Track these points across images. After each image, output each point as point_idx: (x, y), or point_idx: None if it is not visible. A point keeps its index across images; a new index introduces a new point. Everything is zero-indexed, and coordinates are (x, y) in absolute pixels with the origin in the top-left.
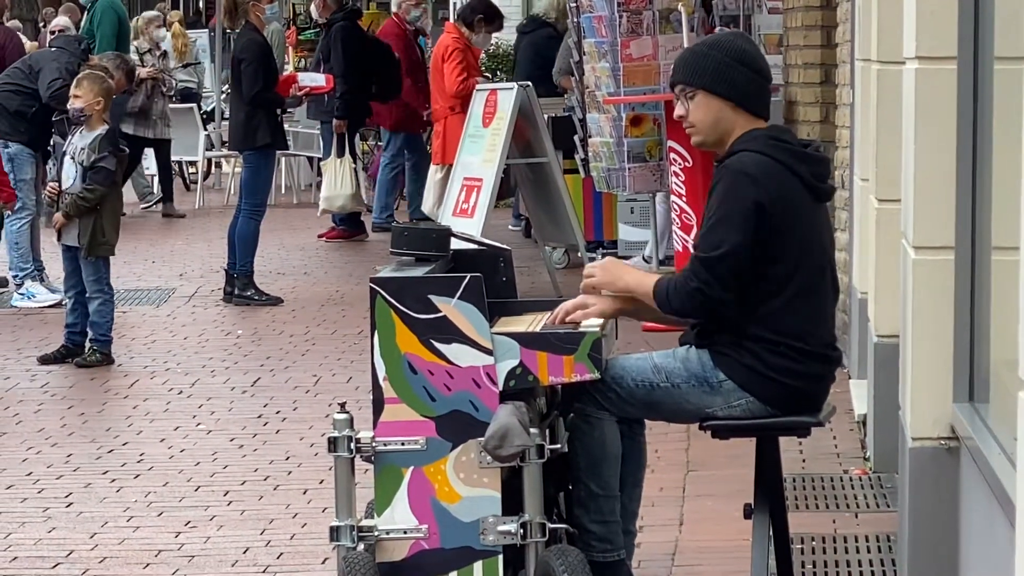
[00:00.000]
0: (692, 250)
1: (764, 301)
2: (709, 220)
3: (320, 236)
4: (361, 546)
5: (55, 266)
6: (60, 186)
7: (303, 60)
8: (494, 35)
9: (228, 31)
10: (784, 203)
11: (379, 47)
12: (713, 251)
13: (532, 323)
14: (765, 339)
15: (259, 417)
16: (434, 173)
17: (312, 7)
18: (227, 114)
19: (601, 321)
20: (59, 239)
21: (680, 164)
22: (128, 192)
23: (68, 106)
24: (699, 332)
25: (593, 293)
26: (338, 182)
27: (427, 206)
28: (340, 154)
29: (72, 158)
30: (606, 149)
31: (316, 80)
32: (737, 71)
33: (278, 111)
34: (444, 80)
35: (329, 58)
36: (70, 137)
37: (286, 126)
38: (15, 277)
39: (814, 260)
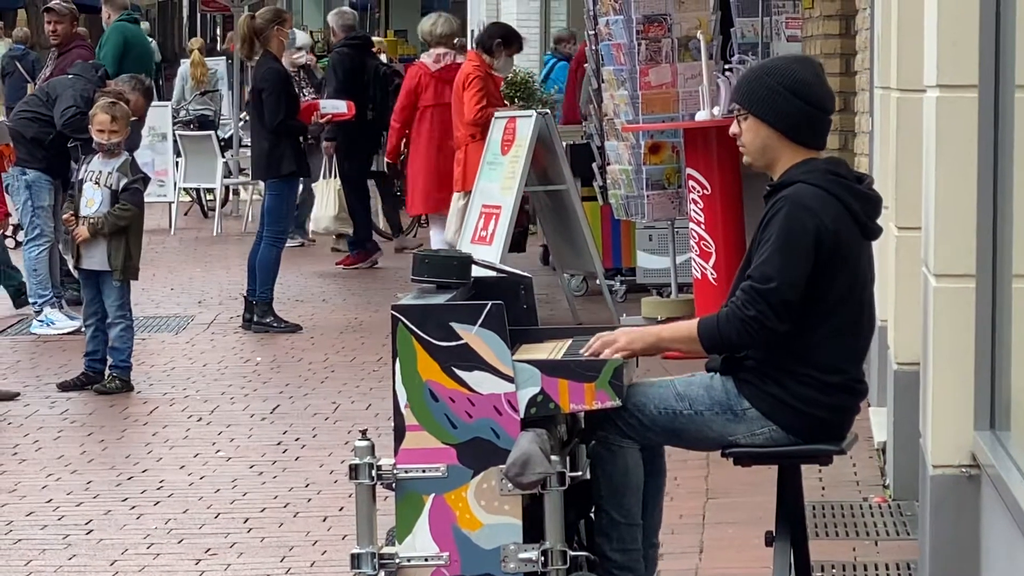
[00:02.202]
0: (745, 280)
1: (803, 334)
2: (766, 250)
3: (338, 263)
4: (382, 573)
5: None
6: (77, 212)
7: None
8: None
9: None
10: (837, 239)
11: (378, 74)
12: (771, 281)
13: (553, 350)
14: (794, 370)
15: (278, 444)
16: (456, 200)
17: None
18: (244, 141)
19: None
20: (77, 264)
21: (699, 191)
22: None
23: (104, 140)
24: (725, 359)
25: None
26: (323, 204)
27: (448, 233)
28: (328, 175)
29: (96, 183)
30: (625, 176)
31: (337, 108)
32: (788, 101)
33: (301, 139)
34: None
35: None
36: (85, 164)
37: None
38: (34, 304)
39: (855, 296)
